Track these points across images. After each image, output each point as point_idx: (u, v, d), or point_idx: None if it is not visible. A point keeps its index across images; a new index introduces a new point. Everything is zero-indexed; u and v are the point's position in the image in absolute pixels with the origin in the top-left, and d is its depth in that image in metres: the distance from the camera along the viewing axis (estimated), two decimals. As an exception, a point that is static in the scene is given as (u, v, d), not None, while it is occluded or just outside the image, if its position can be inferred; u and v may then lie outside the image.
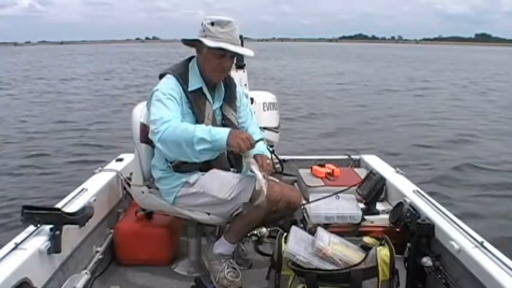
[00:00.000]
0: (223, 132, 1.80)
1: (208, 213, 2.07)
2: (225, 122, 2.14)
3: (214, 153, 1.87)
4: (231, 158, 2.15)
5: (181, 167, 2.02)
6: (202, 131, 1.79)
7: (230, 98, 2.18)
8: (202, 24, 1.99)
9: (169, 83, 1.99)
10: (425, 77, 21.64)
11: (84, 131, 8.82)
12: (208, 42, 1.94)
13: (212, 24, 1.95)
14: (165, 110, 1.87)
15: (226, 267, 2.04)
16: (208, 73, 2.05)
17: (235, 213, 2.01)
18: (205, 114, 2.03)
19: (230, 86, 2.19)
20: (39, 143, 7.91)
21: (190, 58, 2.12)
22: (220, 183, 2.01)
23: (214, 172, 2.05)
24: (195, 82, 2.04)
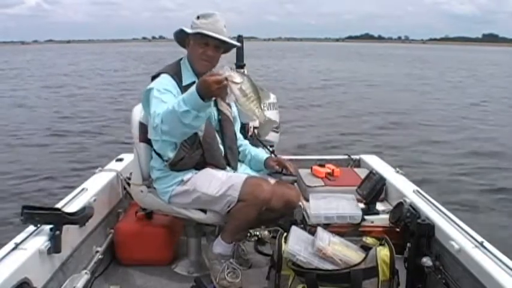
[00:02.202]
0: (193, 94, 1.71)
1: (205, 212, 2.08)
2: (221, 117, 2.17)
3: (205, 113, 1.79)
4: (228, 156, 2.16)
5: (177, 165, 2.03)
6: (179, 105, 1.73)
7: None
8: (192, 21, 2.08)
9: (163, 81, 2.01)
10: (425, 77, 21.84)
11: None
12: (188, 30, 2.03)
13: (198, 18, 2.04)
14: (162, 104, 1.87)
15: (226, 267, 2.04)
16: (195, 63, 2.08)
17: (227, 211, 2.00)
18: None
19: None
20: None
21: (182, 58, 2.16)
22: (209, 180, 2.02)
23: (207, 170, 2.06)
24: (188, 77, 2.07)
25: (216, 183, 1.99)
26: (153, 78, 2.07)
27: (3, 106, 12.19)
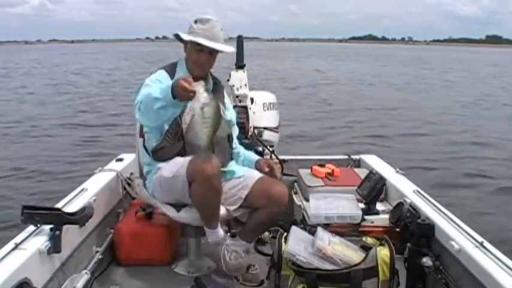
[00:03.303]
0: (168, 87, 1.79)
1: (178, 211, 2.10)
2: None
3: (174, 109, 1.86)
4: (216, 153, 2.17)
5: (158, 154, 2.09)
6: (155, 91, 1.83)
7: (218, 94, 2.21)
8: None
9: (156, 75, 2.09)
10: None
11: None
12: (184, 36, 2.08)
13: (195, 22, 2.08)
14: (148, 89, 1.93)
15: (226, 251, 2.09)
16: (190, 66, 2.15)
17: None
18: (187, 105, 2.00)
19: (218, 86, 2.28)
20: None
21: (180, 58, 2.21)
22: (169, 165, 2.06)
23: (175, 159, 2.08)
24: (179, 74, 2.10)
25: (172, 166, 2.03)
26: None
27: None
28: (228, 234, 2.22)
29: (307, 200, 2.42)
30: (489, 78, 23.26)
